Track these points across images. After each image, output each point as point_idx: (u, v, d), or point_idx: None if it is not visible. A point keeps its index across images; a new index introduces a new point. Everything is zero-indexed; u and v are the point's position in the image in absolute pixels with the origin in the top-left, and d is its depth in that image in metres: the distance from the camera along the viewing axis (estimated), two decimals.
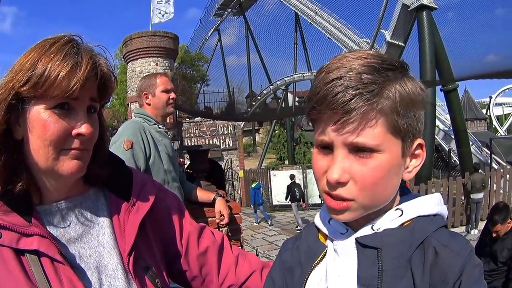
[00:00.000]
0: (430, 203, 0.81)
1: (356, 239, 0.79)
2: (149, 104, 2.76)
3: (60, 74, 0.84)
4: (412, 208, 0.79)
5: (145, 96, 2.76)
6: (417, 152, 0.79)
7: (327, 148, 0.76)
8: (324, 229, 0.88)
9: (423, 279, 0.70)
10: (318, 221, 0.91)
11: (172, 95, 2.79)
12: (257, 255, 1.34)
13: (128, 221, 1.02)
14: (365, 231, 0.79)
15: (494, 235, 4.54)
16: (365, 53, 0.76)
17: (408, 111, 0.73)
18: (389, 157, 0.73)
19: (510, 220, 4.54)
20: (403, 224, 0.78)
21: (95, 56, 0.92)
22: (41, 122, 0.87)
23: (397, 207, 0.80)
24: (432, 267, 0.71)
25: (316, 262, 0.86)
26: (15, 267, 0.84)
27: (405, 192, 0.85)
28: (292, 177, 15.76)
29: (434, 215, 0.79)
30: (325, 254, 0.86)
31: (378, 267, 0.74)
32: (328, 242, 0.87)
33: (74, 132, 0.89)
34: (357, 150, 0.73)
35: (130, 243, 0.99)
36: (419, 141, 0.78)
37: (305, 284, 0.86)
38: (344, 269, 0.80)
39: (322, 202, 0.83)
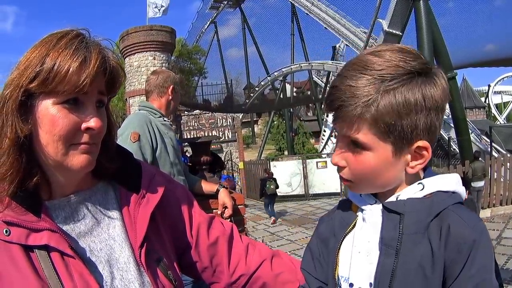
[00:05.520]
0: (450, 181, 0.86)
1: (383, 204, 0.87)
2: (173, 99, 2.79)
3: (70, 69, 0.83)
4: (433, 183, 0.85)
5: (173, 89, 2.78)
6: (419, 153, 0.83)
7: None
8: (356, 200, 0.95)
9: (439, 246, 0.76)
10: (351, 194, 0.98)
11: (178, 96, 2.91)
12: None
13: (139, 214, 1.02)
14: (391, 199, 0.87)
15: None
16: (373, 61, 0.80)
17: (400, 118, 0.78)
18: (376, 156, 0.82)
19: None
20: (425, 196, 0.84)
21: (104, 50, 0.91)
22: (50, 118, 0.85)
23: (419, 181, 0.86)
24: (448, 236, 0.76)
25: (348, 230, 0.94)
26: (24, 264, 0.84)
27: (427, 171, 0.90)
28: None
29: (453, 192, 0.84)
30: (356, 223, 0.94)
31: (399, 231, 0.81)
32: (359, 213, 0.94)
33: (84, 126, 0.88)
34: (353, 143, 0.83)
35: (141, 236, 0.99)
36: (419, 143, 0.81)
37: (339, 250, 0.94)
38: (371, 234, 0.88)
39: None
